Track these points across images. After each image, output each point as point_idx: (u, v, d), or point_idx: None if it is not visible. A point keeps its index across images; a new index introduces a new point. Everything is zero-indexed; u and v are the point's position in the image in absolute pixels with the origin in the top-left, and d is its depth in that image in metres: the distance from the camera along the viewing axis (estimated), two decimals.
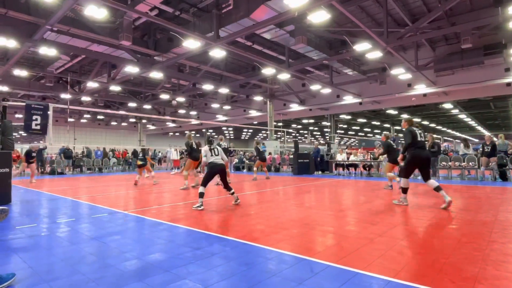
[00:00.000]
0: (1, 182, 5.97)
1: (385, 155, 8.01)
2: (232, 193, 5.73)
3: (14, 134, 7.03)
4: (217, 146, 5.82)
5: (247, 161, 19.24)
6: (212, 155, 5.59)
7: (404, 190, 5.48)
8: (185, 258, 2.84)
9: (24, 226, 4.24)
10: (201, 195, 5.41)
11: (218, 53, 11.80)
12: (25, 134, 35.09)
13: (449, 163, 11.28)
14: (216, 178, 8.33)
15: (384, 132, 8.70)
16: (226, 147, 10.18)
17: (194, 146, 8.80)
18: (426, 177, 5.28)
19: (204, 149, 5.68)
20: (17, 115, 24.90)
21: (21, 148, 21.16)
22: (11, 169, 6.32)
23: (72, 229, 4.05)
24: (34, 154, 11.18)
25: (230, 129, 47.39)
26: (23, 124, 6.98)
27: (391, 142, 7.77)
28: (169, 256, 2.91)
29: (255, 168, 11.73)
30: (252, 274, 2.46)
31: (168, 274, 2.48)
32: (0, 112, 6.53)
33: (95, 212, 5.31)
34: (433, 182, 5.17)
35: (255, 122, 29.23)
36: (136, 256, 2.92)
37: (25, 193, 8.21)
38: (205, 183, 5.49)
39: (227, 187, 5.73)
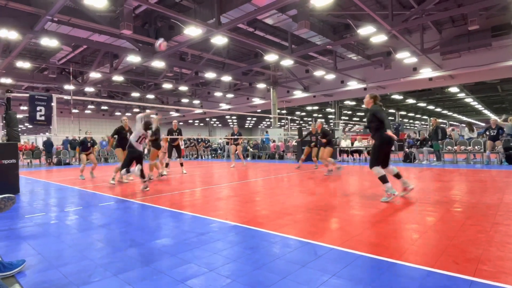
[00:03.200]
0: (9, 173, 6.07)
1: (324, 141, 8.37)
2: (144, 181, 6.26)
3: (20, 126, 7.09)
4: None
5: (250, 149, 19.26)
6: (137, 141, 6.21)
7: (384, 179, 4.66)
8: (190, 243, 2.89)
9: (33, 215, 4.32)
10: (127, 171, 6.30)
11: (219, 40, 11.67)
12: (30, 126, 35.42)
13: (455, 147, 11.19)
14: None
15: (319, 120, 9.07)
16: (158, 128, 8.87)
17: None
18: None
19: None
20: (22, 107, 25.08)
21: (27, 139, 21.41)
22: (18, 160, 6.40)
23: (79, 217, 4.12)
24: None
25: (234, 117, 47.32)
26: (28, 115, 7.02)
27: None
28: (175, 242, 2.96)
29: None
30: (256, 258, 2.49)
31: (174, 258, 2.53)
32: (5, 103, 6.57)
33: (102, 200, 5.39)
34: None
35: (259, 110, 29.13)
36: (142, 242, 2.97)
37: (33, 183, 8.34)
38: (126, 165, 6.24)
39: (142, 175, 6.20)
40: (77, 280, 2.16)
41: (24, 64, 15.49)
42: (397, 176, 4.76)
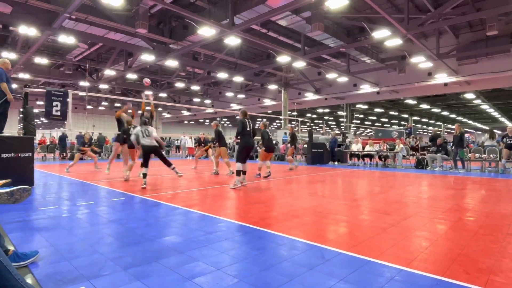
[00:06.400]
0: (24, 166, 6.23)
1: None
2: (173, 168, 6.49)
3: (35, 120, 7.28)
4: (149, 127, 6.42)
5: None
6: (143, 137, 6.28)
7: (238, 173, 6.31)
8: (198, 242, 2.91)
9: (46, 207, 4.43)
10: (145, 175, 6.33)
11: (233, 40, 11.73)
12: (46, 120, 36.27)
13: (469, 155, 10.95)
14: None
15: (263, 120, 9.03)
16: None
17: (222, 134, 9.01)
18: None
19: (136, 131, 6.32)
20: (38, 102, 25.71)
21: (42, 134, 21.94)
22: (34, 153, 6.56)
23: (91, 212, 4.20)
24: None
25: None
26: (44, 110, 7.20)
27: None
28: (183, 239, 2.99)
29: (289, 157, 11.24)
30: (263, 259, 2.50)
31: (182, 255, 2.55)
32: (23, 98, 6.75)
33: (113, 196, 5.48)
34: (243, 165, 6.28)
35: (269, 111, 29.12)
36: (152, 238, 3.01)
37: (47, 176, 8.54)
38: (145, 164, 6.41)
39: (166, 163, 6.53)
40: (88, 273, 2.21)
41: (41, 60, 15.89)
42: (244, 173, 6.45)
